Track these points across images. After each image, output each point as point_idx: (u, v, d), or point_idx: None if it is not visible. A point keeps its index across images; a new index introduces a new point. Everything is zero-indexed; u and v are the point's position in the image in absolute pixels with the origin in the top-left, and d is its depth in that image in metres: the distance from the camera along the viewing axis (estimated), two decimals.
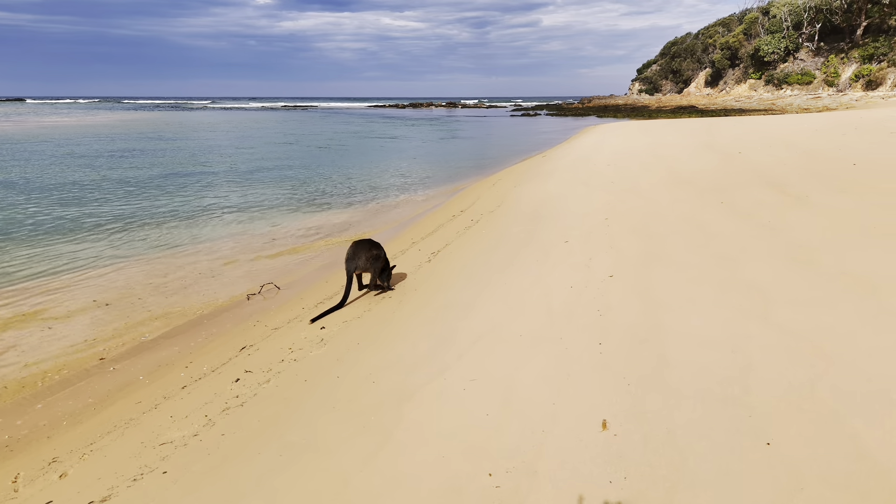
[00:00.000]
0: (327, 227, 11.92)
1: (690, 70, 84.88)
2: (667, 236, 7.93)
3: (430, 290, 6.86)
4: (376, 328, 5.79)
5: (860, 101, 50.06)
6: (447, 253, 8.63)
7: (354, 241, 6.95)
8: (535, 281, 6.59)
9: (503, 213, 11.00)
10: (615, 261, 7.02)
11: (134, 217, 12.68)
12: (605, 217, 9.46)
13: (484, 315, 5.65)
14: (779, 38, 68.78)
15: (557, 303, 5.75)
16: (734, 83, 75.16)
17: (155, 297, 7.85)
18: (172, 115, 77.02)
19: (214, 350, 5.96)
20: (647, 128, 31.39)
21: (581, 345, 4.68)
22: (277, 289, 8.13)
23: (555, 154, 21.23)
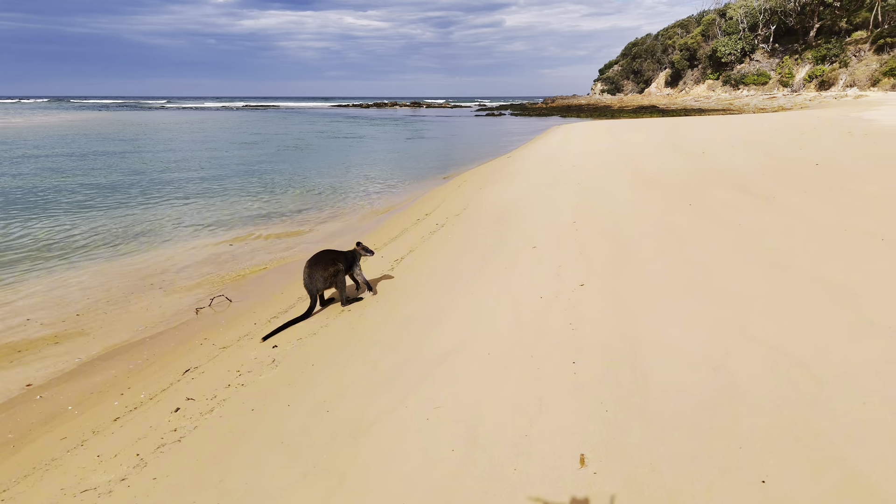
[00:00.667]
0: (288, 233, 11.38)
1: (651, 70, 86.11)
2: (637, 240, 7.68)
3: (393, 301, 6.46)
4: (334, 346, 5.36)
5: (814, 101, 51.30)
6: (411, 260, 8.23)
7: (310, 261, 6.46)
8: (504, 291, 6.24)
9: (469, 217, 10.66)
10: (585, 268, 6.72)
11: (78, 224, 11.93)
12: (573, 220, 9.18)
13: (450, 330, 5.27)
14: (735, 39, 70.20)
15: (527, 315, 5.40)
16: (693, 83, 76.47)
17: (95, 312, 7.26)
18: (124, 116, 74.62)
19: (155, 373, 5.44)
20: (610, 128, 31.47)
21: (553, 364, 4.34)
22: (229, 301, 7.61)
23: (520, 155, 21.00)
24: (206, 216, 12.85)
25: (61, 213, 13.00)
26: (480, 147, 29.05)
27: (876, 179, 10.15)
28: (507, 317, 5.43)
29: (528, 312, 5.47)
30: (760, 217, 8.33)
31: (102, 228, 11.60)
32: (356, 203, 14.46)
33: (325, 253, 6.57)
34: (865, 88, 53.24)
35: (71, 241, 10.66)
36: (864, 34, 57.74)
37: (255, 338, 6.00)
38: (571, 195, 11.43)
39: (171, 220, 12.45)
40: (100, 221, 12.20)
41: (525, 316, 5.39)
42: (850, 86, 55.37)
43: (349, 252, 6.80)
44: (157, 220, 12.34)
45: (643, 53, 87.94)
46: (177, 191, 16.23)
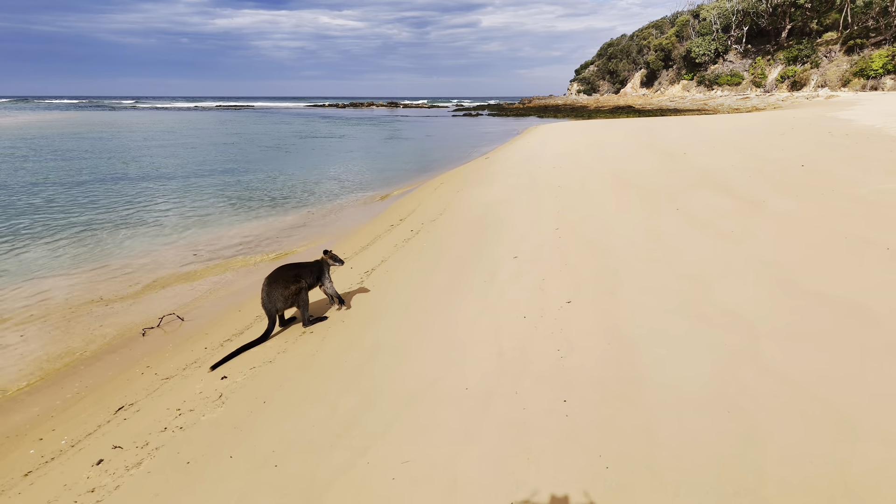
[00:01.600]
0: (253, 241, 10.64)
1: (627, 71, 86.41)
2: (624, 250, 7.14)
3: (359, 323, 5.82)
4: (290, 378, 4.70)
5: (786, 101, 51.70)
6: (383, 272, 7.59)
7: (269, 277, 5.77)
8: (483, 309, 5.63)
9: (446, 222, 10.04)
10: (571, 282, 6.15)
11: (25, 229, 11.06)
12: (556, 227, 8.62)
13: (421, 361, 4.65)
14: (709, 40, 70.69)
15: (510, 340, 4.81)
16: (668, 84, 76.89)
17: (27, 335, 6.49)
18: (93, 116, 72.59)
19: (84, 411, 4.73)
20: (588, 128, 31.11)
21: (542, 403, 3.75)
22: (180, 320, 6.90)
23: (498, 156, 20.45)
24: (176, 222, 12.04)
25: (21, 216, 12.09)
26: (458, 148, 28.47)
27: (866, 181, 9.77)
28: (488, 342, 4.83)
29: (510, 337, 4.88)
30: (750, 223, 7.86)
31: (63, 233, 10.75)
32: (330, 207, 13.75)
33: (287, 269, 5.89)
34: (836, 89, 53.85)
35: (27, 245, 9.81)
36: (835, 35, 58.45)
37: (203, 366, 5.32)
38: (552, 199, 10.89)
39: (140, 226, 11.63)
40: (65, 228, 11.33)
41: (507, 341, 4.80)
42: (822, 86, 56.00)
43: (315, 263, 6.15)
44: (127, 227, 11.51)
45: (619, 54, 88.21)
46: (148, 196, 15.34)
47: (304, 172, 19.93)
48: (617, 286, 5.88)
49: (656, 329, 4.70)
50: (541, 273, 6.55)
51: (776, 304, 4.98)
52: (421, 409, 3.85)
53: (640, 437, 3.26)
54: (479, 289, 6.29)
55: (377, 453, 3.41)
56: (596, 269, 6.47)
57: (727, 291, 5.37)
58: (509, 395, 3.90)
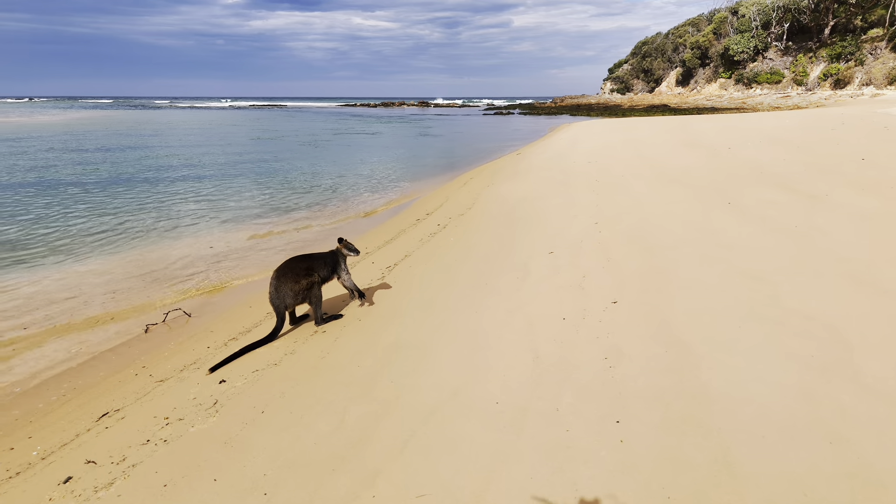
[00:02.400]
0: (276, 233, 10.13)
1: (661, 69, 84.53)
2: (672, 246, 6.41)
3: (377, 321, 5.21)
4: (295, 383, 4.11)
5: (829, 99, 49.80)
6: (405, 267, 6.99)
7: (277, 271, 5.21)
8: (514, 309, 4.98)
9: (474, 217, 9.40)
10: (615, 280, 5.45)
11: (76, 220, 10.73)
12: (595, 221, 7.92)
13: (444, 365, 4.02)
14: (748, 37, 68.62)
15: (546, 345, 4.15)
16: (705, 82, 74.89)
17: (30, 329, 6.04)
18: (132, 114, 73.73)
19: (65, 416, 4.21)
20: (622, 125, 30.14)
21: (589, 423, 3.09)
22: (187, 316, 6.39)
23: (530, 151, 19.71)
24: (209, 216, 11.58)
25: (63, 207, 11.81)
26: (488, 144, 27.75)
27: None
28: (521, 346, 4.18)
29: (547, 340, 4.22)
30: (815, 218, 7.06)
31: (96, 225, 10.40)
32: (356, 201, 13.20)
33: (298, 261, 5.31)
34: (882, 87, 51.68)
35: (65, 236, 9.46)
36: (881, 32, 56.08)
37: (203, 367, 4.77)
38: (589, 194, 10.16)
39: (174, 217, 11.24)
40: (95, 219, 11.00)
41: (544, 345, 4.14)
42: (867, 84, 53.83)
43: (330, 254, 5.55)
44: (161, 219, 11.13)
45: (653, 52, 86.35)
46: (189, 188, 15.06)
47: (336, 167, 19.44)
48: (667, 285, 5.17)
49: (720, 335, 4.00)
50: (581, 270, 5.87)
51: (863, 307, 4.23)
52: (442, 427, 3.22)
53: (716, 470, 2.58)
54: (510, 286, 5.63)
55: (387, 482, 2.78)
56: (642, 267, 5.77)
57: (801, 293, 4.62)
58: (548, 411, 3.24)
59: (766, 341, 3.81)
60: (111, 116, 63.75)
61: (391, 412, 3.46)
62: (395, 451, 3.05)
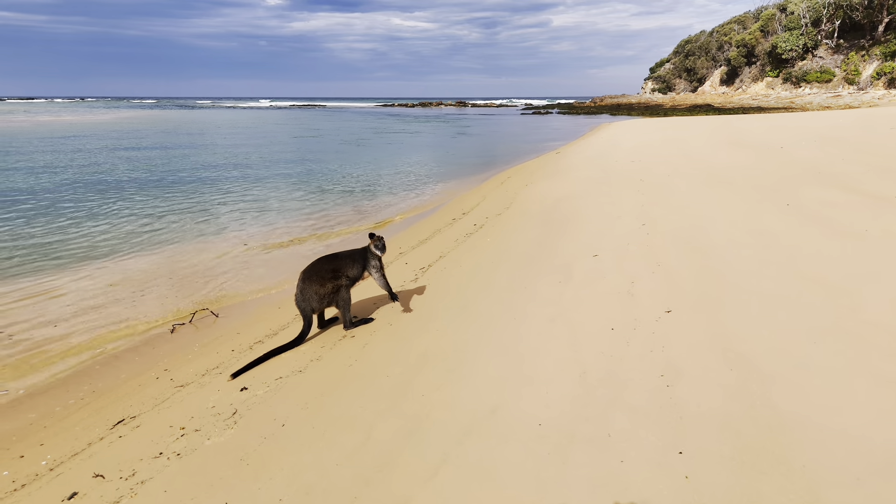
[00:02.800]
0: (310, 229, 9.91)
1: (705, 68, 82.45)
2: (728, 250, 5.93)
3: (409, 326, 4.89)
4: (320, 394, 3.82)
5: (883, 99, 47.74)
6: (440, 268, 6.67)
7: (304, 272, 4.93)
8: (557, 316, 4.60)
9: (512, 217, 9.02)
10: (667, 287, 5.02)
11: (124, 218, 10.75)
12: (641, 223, 7.46)
13: (481, 378, 3.67)
14: (797, 35, 66.33)
15: (594, 358, 3.76)
16: (751, 81, 72.71)
17: (59, 328, 5.91)
18: (179, 114, 75.38)
19: (80, 423, 4.00)
20: (664, 124, 29.30)
21: (646, 453, 2.70)
22: (214, 316, 6.18)
23: (570, 150, 19.19)
24: (250, 215, 11.44)
25: (107, 205, 11.89)
26: (526, 144, 27.25)
27: None
28: (564, 359, 3.80)
29: (594, 353, 3.83)
30: (885, 222, 6.48)
31: (137, 225, 10.39)
32: (390, 199, 12.93)
33: (325, 262, 5.02)
34: None
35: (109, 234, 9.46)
36: None
37: (225, 372, 4.52)
38: (633, 194, 9.68)
39: (212, 211, 11.17)
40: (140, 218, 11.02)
41: (591, 359, 3.75)
42: None
43: (360, 251, 5.18)
44: (201, 213, 11.07)
45: (697, 51, 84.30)
46: (234, 187, 15.10)
47: (377, 165, 19.26)
48: (726, 293, 4.72)
49: (793, 352, 3.55)
50: (628, 275, 5.45)
51: None
52: (478, 450, 2.88)
53: None
54: (551, 291, 5.25)
55: None
56: (697, 272, 5.31)
57: (882, 305, 4.13)
58: (599, 437, 2.87)
59: (849, 361, 3.35)
60: (158, 116, 65.24)
61: (422, 430, 3.13)
62: (426, 477, 2.72)
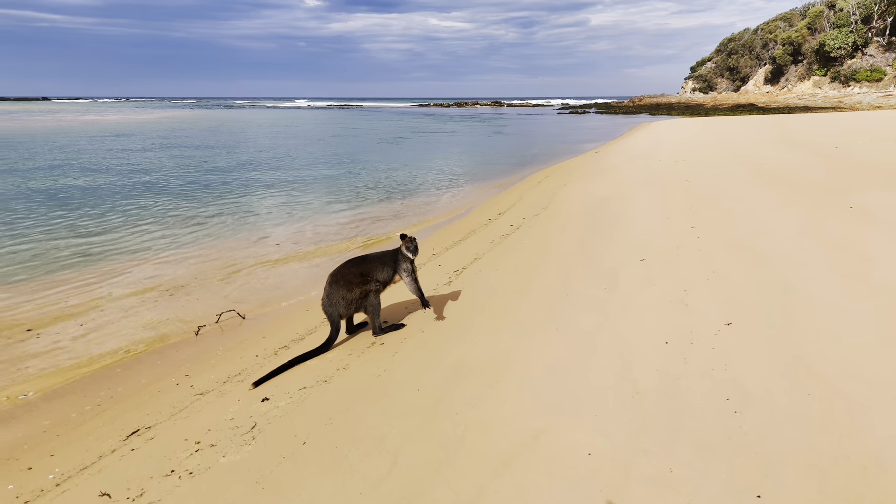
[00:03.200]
0: (344, 230, 9.66)
1: (748, 67, 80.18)
2: (790, 256, 5.44)
3: (442, 334, 4.56)
4: (344, 409, 3.51)
5: None
6: (475, 271, 6.32)
7: (332, 276, 4.64)
8: (602, 325, 4.21)
9: (550, 217, 8.62)
10: (725, 296, 4.58)
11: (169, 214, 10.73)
12: (691, 225, 6.99)
13: (520, 397, 3.31)
14: (846, 32, 63.97)
15: (648, 377, 3.37)
16: (797, 80, 70.42)
17: (86, 325, 5.76)
18: (222, 114, 76.73)
19: (93, 432, 3.78)
20: (708, 124, 28.41)
21: (717, 496, 2.31)
22: (241, 318, 5.95)
23: (609, 150, 18.63)
24: (287, 214, 11.30)
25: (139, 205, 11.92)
26: (563, 143, 26.68)
27: None
28: (615, 377, 3.42)
29: (648, 370, 3.44)
30: None
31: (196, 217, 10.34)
32: (425, 199, 12.62)
33: (353, 265, 4.70)
34: None
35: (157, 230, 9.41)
36: None
37: (247, 379, 4.26)
38: (680, 194, 9.18)
39: (248, 215, 11.06)
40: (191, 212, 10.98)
41: (645, 378, 3.36)
42: None
43: (391, 253, 4.84)
44: (227, 213, 10.97)
45: (740, 49, 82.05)
46: (275, 181, 15.22)
47: (414, 164, 19.02)
48: (793, 305, 4.26)
49: (884, 378, 3.10)
50: (680, 282, 5.02)
51: None
52: (518, 484, 2.52)
53: None
54: (596, 298, 4.86)
55: None
56: (757, 281, 4.86)
57: None
58: (659, 473, 2.49)
59: None
60: (200, 115, 66.63)
61: (455, 457, 2.79)
62: None
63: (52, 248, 8.46)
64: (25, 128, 38.77)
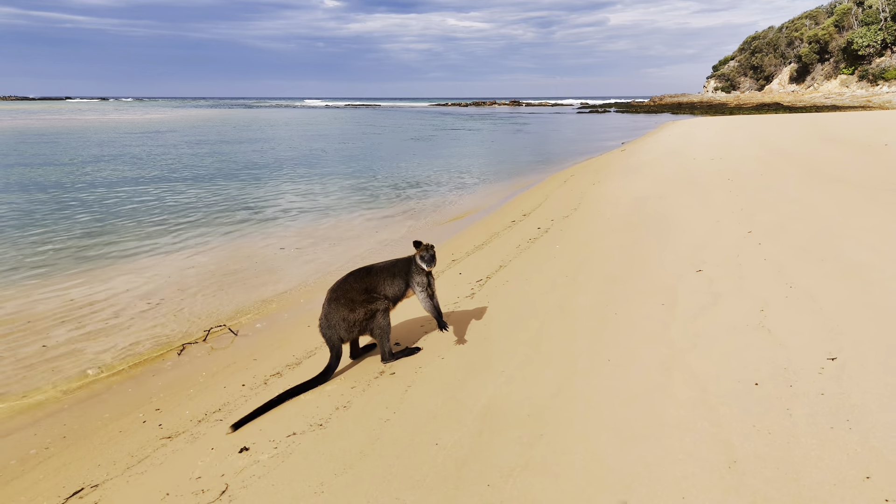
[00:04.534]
0: (353, 234, 8.89)
1: (773, 66, 78.34)
2: (882, 268, 4.55)
3: (466, 362, 3.74)
4: (343, 467, 2.71)
5: None
6: (501, 281, 5.49)
7: (332, 291, 3.86)
8: (669, 361, 3.36)
9: (582, 219, 7.77)
10: (816, 318, 3.70)
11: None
12: (748, 229, 6.10)
13: (573, 464, 2.48)
14: (875, 30, 62.12)
15: (745, 438, 2.51)
16: (823, 79, 68.58)
17: (40, 343, 5.02)
18: (246, 113, 76.86)
19: (32, 487, 2.99)
20: (738, 122, 27.31)
21: None
22: (233, 335, 5.17)
23: (637, 148, 17.68)
24: (305, 212, 10.62)
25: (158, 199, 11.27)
26: (586, 142, 25.74)
27: None
28: (699, 435, 2.57)
29: (741, 425, 2.59)
30: None
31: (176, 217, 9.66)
32: (444, 199, 11.80)
33: (357, 279, 3.88)
34: None
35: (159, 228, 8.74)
36: None
37: (228, 417, 3.47)
38: (725, 195, 8.27)
39: (257, 214, 10.36)
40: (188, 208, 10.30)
41: (741, 439, 2.51)
42: None
43: (403, 263, 4.04)
44: (247, 211, 10.27)
45: (764, 47, 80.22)
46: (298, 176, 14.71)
47: (437, 161, 18.33)
48: None
49: None
50: (753, 299, 4.14)
51: None
52: None
53: None
54: (652, 319, 4.00)
55: None
56: (852, 299, 3.97)
57: None
58: None
59: None
60: (223, 115, 66.92)
61: None
62: None
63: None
64: (62, 127, 38.70)
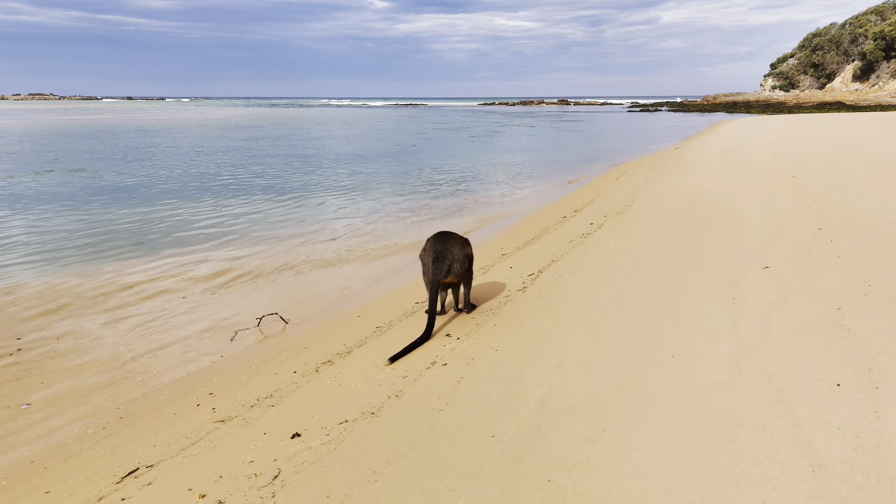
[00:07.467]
0: (403, 225, 8.88)
1: (835, 63, 75.17)
2: None
3: (519, 354, 3.62)
4: (393, 460, 2.64)
5: None
6: (553, 276, 5.35)
7: (436, 236, 4.47)
8: (740, 360, 3.16)
9: (637, 215, 7.54)
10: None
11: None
12: (817, 226, 5.79)
13: (640, 462, 2.34)
14: None
15: (828, 441, 2.33)
16: (889, 77, 65.44)
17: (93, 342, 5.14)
18: (296, 111, 78.59)
19: (89, 466, 3.01)
20: (798, 120, 26.30)
21: None
22: (284, 322, 5.19)
23: (691, 146, 17.18)
24: (363, 206, 10.73)
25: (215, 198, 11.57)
26: (637, 140, 25.18)
27: None
28: (777, 437, 2.39)
29: (826, 430, 2.40)
30: None
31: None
32: (489, 195, 11.68)
33: (449, 234, 4.53)
34: None
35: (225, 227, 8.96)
36: None
37: (280, 401, 3.45)
38: (789, 191, 7.90)
39: (306, 200, 10.50)
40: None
41: (824, 441, 2.32)
42: None
43: (465, 239, 4.71)
44: (297, 203, 10.42)
45: (826, 45, 77.07)
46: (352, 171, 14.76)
47: (489, 158, 18.20)
48: None
49: None
50: (828, 297, 3.90)
51: None
52: None
53: None
54: (718, 316, 3.81)
55: None
56: None
57: None
58: None
59: None
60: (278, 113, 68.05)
61: None
62: None
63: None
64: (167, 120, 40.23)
